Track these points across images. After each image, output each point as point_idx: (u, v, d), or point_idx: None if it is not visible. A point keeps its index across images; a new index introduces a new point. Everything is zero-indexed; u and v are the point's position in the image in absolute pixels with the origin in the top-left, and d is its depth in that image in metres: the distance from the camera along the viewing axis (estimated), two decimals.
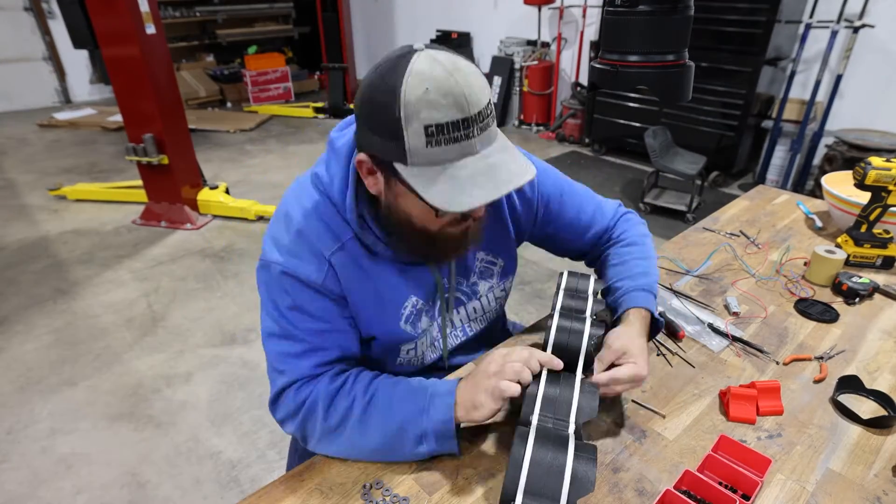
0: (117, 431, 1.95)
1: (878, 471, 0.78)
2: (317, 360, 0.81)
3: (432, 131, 0.63)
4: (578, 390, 0.74)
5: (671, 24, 1.14)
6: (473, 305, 0.97)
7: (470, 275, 0.95)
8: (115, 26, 2.96)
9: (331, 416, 0.78)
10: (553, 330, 0.80)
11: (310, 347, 0.80)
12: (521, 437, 0.67)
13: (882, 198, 1.24)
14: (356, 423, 0.77)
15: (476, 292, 0.96)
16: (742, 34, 3.64)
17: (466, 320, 0.99)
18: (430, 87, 0.62)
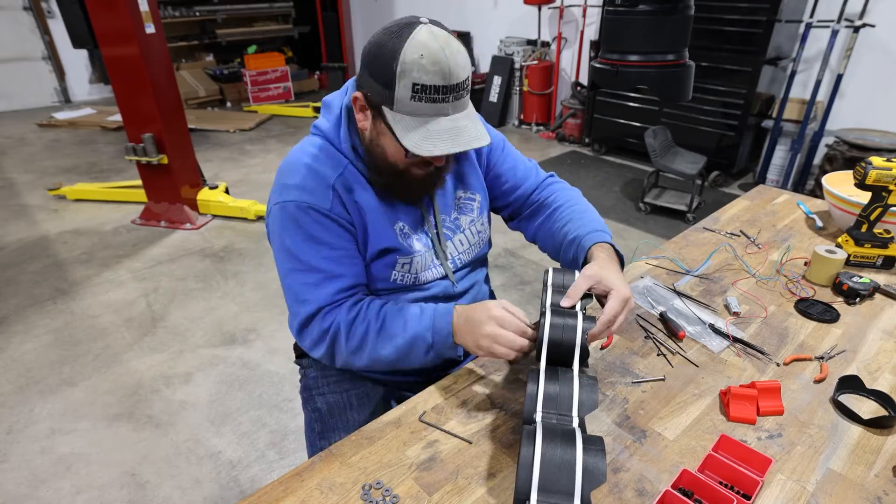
0: (117, 431, 1.95)
1: (878, 471, 0.78)
2: (335, 287, 0.93)
3: (418, 89, 0.79)
4: (578, 384, 0.75)
5: (671, 24, 1.14)
6: (459, 238, 1.08)
7: (451, 210, 1.06)
8: (115, 26, 2.95)
9: (352, 339, 0.92)
10: (546, 327, 0.82)
11: (327, 276, 0.92)
12: (529, 436, 0.67)
13: (882, 197, 1.24)
14: (373, 343, 0.91)
15: (459, 226, 1.07)
16: (742, 34, 3.64)
17: (455, 252, 1.08)
18: (424, 55, 0.78)
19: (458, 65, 0.79)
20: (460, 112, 0.84)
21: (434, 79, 0.78)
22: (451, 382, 0.96)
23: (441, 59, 0.78)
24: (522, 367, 1.01)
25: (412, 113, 0.81)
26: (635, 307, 0.88)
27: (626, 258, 1.06)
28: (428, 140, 0.81)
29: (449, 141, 0.82)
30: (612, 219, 3.63)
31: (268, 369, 2.26)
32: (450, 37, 0.81)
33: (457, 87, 0.81)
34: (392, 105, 0.81)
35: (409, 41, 0.78)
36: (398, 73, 0.78)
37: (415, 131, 0.81)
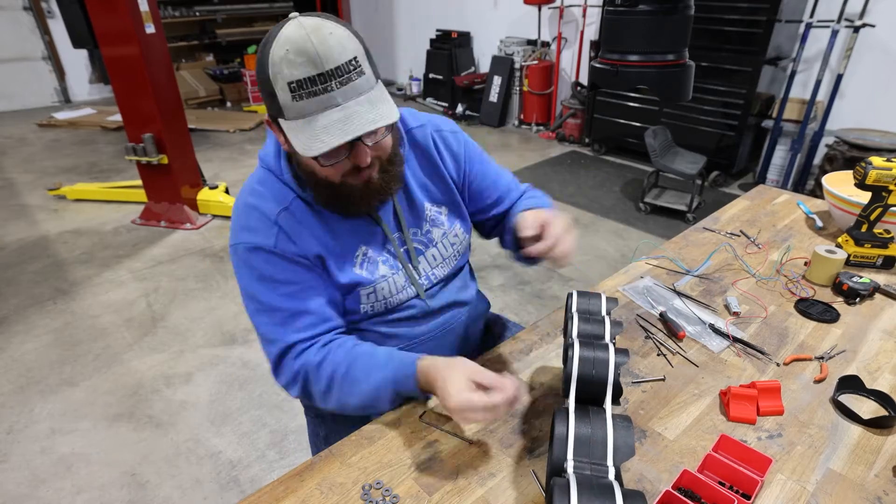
0: (117, 431, 1.95)
1: (878, 471, 0.78)
2: (299, 324, 0.88)
3: (293, 87, 0.72)
4: (612, 427, 0.68)
5: (671, 24, 1.14)
6: (432, 253, 1.02)
7: (423, 224, 1.00)
8: (115, 26, 2.95)
9: (319, 383, 0.88)
10: (575, 361, 0.74)
11: (289, 314, 0.88)
12: (562, 492, 0.60)
13: (883, 197, 1.24)
14: (338, 388, 0.87)
15: (431, 240, 1.02)
16: (742, 34, 3.64)
17: (429, 268, 1.02)
18: (289, 48, 0.71)
19: (330, 48, 0.71)
20: (356, 98, 0.74)
21: (304, 70, 0.71)
22: None
23: (307, 47, 0.70)
24: (520, 367, 1.01)
25: (300, 115, 0.74)
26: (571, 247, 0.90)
27: (626, 258, 1.06)
28: (314, 138, 0.74)
29: (337, 133, 0.73)
30: (612, 219, 3.64)
31: (268, 369, 2.25)
32: (323, 22, 0.73)
33: (337, 72, 0.72)
34: (283, 114, 0.75)
35: (276, 40, 0.72)
36: (272, 76, 0.72)
37: (303, 133, 0.74)
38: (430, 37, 6.23)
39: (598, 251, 3.21)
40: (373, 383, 0.85)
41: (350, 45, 0.73)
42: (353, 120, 0.74)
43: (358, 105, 0.74)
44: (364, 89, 0.75)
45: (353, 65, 0.73)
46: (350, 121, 0.74)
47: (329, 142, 0.73)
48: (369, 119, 0.74)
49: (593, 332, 0.81)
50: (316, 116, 0.73)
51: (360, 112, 0.74)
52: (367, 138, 0.79)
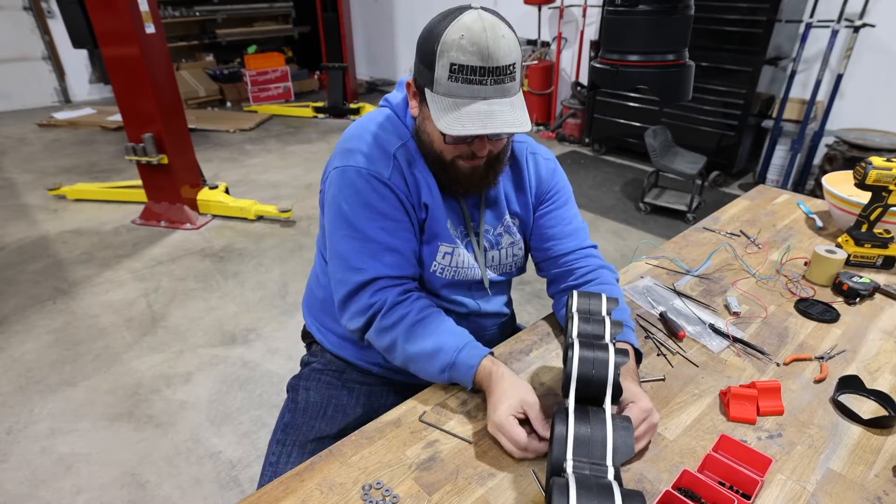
0: (117, 431, 1.95)
1: (878, 471, 0.78)
2: (391, 260, 0.92)
3: (455, 69, 0.79)
4: (611, 427, 0.68)
5: (671, 24, 1.14)
6: (493, 254, 1.06)
7: (498, 225, 1.04)
8: (115, 26, 2.95)
9: (387, 318, 0.91)
10: (575, 361, 0.73)
11: (382, 246, 0.92)
12: (561, 492, 0.60)
13: (883, 197, 1.24)
14: (404, 332, 0.90)
15: (499, 243, 1.06)
16: (742, 34, 3.64)
17: (490, 266, 1.06)
18: (464, 35, 0.77)
19: (499, 48, 0.78)
20: (502, 98, 0.81)
21: (471, 59, 0.77)
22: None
23: (481, 40, 0.77)
24: (520, 367, 1.01)
25: (449, 94, 0.81)
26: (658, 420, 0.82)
27: (627, 258, 1.06)
28: (457, 120, 0.80)
29: (479, 122, 0.79)
30: (612, 219, 3.64)
31: (268, 369, 2.26)
32: (499, 22, 0.79)
33: (496, 71, 0.79)
34: (433, 86, 0.82)
35: (454, 22, 0.78)
36: (438, 52, 0.79)
37: (448, 112, 0.81)
38: None
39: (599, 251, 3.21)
40: (439, 343, 0.88)
41: (514, 52, 0.80)
42: (496, 117, 0.80)
43: (501, 105, 0.81)
44: (511, 93, 0.83)
45: (510, 69, 0.80)
46: (492, 117, 0.80)
47: (470, 129, 0.79)
48: (508, 121, 0.81)
49: (593, 332, 0.81)
50: (465, 101, 0.80)
51: (503, 112, 0.81)
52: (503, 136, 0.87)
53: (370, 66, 7.79)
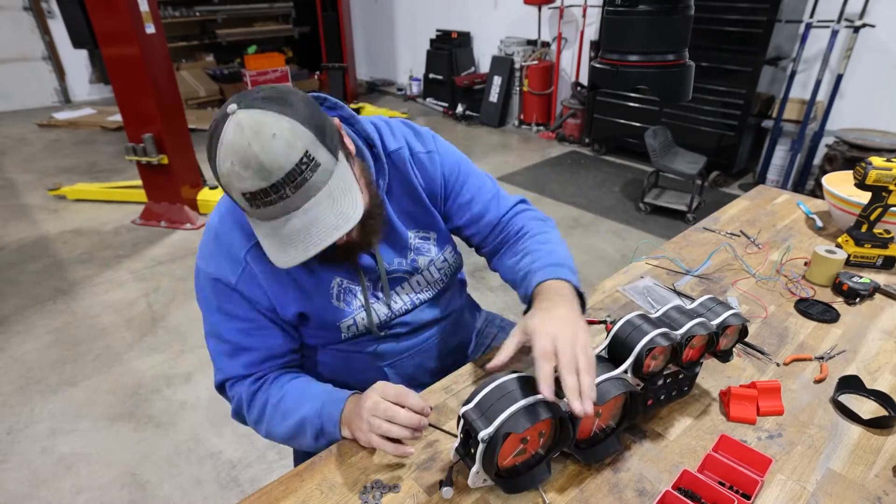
0: (117, 431, 1.95)
1: (878, 471, 0.78)
2: (244, 361, 0.89)
3: (248, 197, 0.68)
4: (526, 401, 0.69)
5: (671, 24, 1.14)
6: (416, 279, 1.00)
7: (407, 253, 0.97)
8: (115, 26, 2.96)
9: (252, 411, 0.89)
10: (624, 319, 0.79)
11: (236, 347, 0.89)
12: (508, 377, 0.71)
13: (883, 197, 1.24)
14: (269, 417, 0.88)
15: (417, 268, 0.99)
16: (742, 34, 3.64)
17: (413, 292, 1.00)
18: (233, 161, 0.66)
19: (275, 156, 0.65)
20: (314, 197, 0.70)
21: (255, 183, 0.66)
22: (451, 382, 0.96)
23: (250, 158, 0.65)
24: (520, 367, 1.01)
25: (263, 217, 0.72)
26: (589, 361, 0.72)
27: (627, 258, 1.06)
28: (280, 249, 0.72)
29: (300, 245, 0.71)
30: (612, 219, 3.64)
31: None
32: (263, 119, 0.66)
33: (289, 178, 0.67)
34: (248, 214, 0.74)
35: (219, 147, 0.67)
36: (224, 185, 0.70)
37: (269, 238, 0.73)
38: (430, 37, 6.24)
39: (598, 251, 3.21)
40: (301, 415, 0.85)
41: (298, 142, 0.67)
42: (316, 227, 0.70)
43: (318, 205, 0.70)
44: (322, 182, 0.70)
45: (304, 162, 0.67)
46: (311, 230, 0.71)
47: (295, 256, 0.71)
48: (331, 224, 0.71)
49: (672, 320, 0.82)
50: (279, 221, 0.71)
51: (321, 216, 0.71)
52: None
53: (370, 67, 7.79)
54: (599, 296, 1.21)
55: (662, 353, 0.79)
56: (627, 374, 0.77)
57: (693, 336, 0.79)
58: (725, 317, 0.84)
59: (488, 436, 0.65)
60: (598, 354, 0.79)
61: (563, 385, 0.69)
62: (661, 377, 0.82)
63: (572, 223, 3.58)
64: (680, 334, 0.79)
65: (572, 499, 0.74)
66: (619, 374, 0.75)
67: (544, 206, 3.83)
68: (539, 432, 0.72)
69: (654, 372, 0.79)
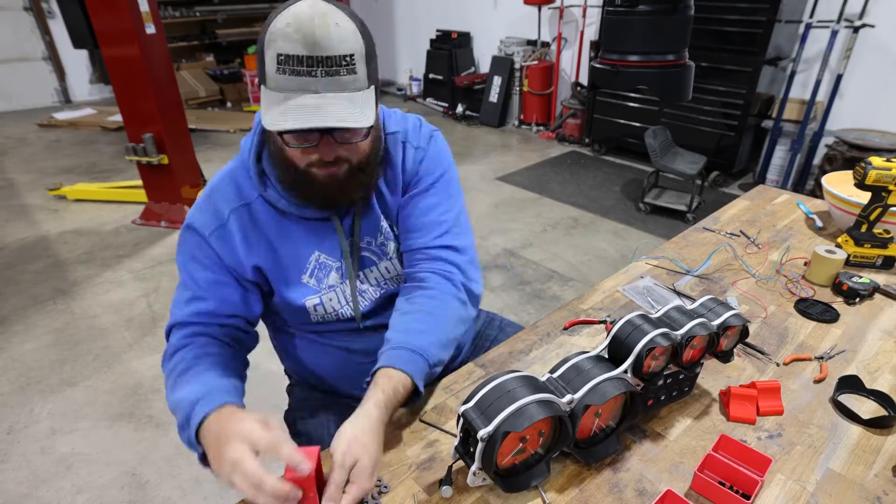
0: (117, 431, 1.95)
1: (878, 471, 0.78)
2: (194, 309, 0.89)
3: (281, 59, 0.71)
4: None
5: (671, 24, 1.14)
6: (385, 265, 0.99)
7: (377, 234, 0.97)
8: (115, 26, 2.96)
9: (166, 364, 0.88)
10: (625, 319, 0.80)
11: (193, 295, 0.89)
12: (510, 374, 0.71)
13: (882, 198, 1.24)
14: (171, 383, 0.84)
15: (385, 252, 0.98)
16: (742, 34, 3.64)
17: (382, 280, 1.00)
18: (291, 23, 0.70)
19: (329, 36, 0.70)
20: (337, 93, 0.73)
21: (296, 48, 0.70)
22: (451, 382, 0.96)
23: (307, 27, 0.69)
24: (519, 367, 1.01)
25: (278, 88, 0.73)
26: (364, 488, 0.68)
27: (627, 258, 1.05)
28: (281, 116, 0.72)
29: (302, 117, 0.71)
30: (612, 219, 3.64)
31: (269, 369, 2.25)
32: (335, 10, 0.72)
33: (327, 61, 0.71)
34: (265, 81, 0.74)
35: (285, 10, 0.72)
36: (266, 42, 0.72)
37: (275, 107, 0.73)
38: (430, 37, 6.24)
39: (598, 251, 3.21)
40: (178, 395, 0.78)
41: (351, 42, 0.72)
42: (325, 111, 0.72)
43: (335, 99, 0.73)
44: (349, 87, 0.74)
45: (346, 60, 0.72)
46: (321, 111, 0.72)
47: (293, 123, 0.72)
48: (340, 116, 0.72)
49: (673, 321, 0.82)
50: (293, 95, 0.72)
51: (335, 106, 0.72)
52: (338, 135, 0.78)
53: None
54: (599, 296, 1.21)
55: (663, 353, 0.79)
56: (627, 373, 0.77)
57: (693, 336, 0.79)
58: (726, 317, 0.84)
59: (487, 434, 0.65)
60: (598, 354, 0.80)
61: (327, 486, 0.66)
62: (661, 377, 0.82)
63: (572, 223, 3.58)
64: (680, 335, 0.79)
65: (572, 499, 0.74)
66: (619, 374, 0.75)
67: (544, 206, 3.83)
68: (539, 431, 0.72)
69: (655, 372, 0.79)
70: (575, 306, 1.18)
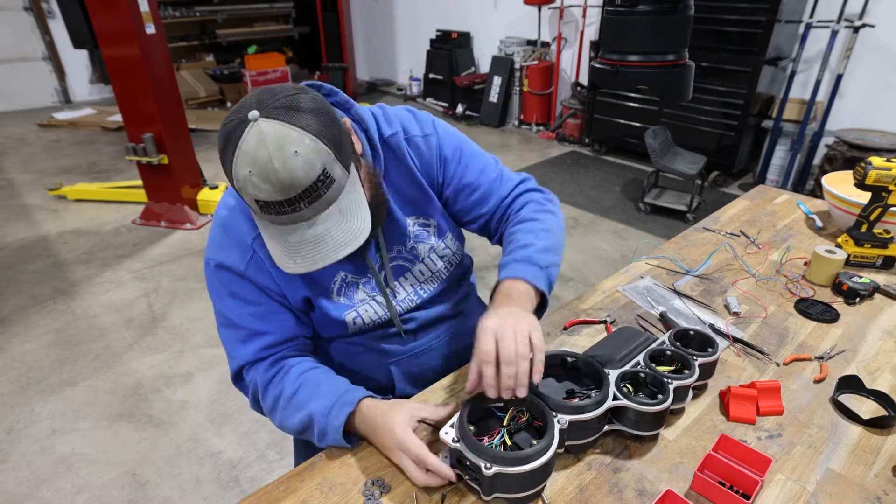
0: (117, 431, 1.95)
1: (878, 471, 0.78)
2: (258, 345, 0.88)
3: (262, 204, 0.70)
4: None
5: (671, 24, 1.14)
6: (419, 268, 0.99)
7: (406, 240, 0.96)
8: (115, 26, 2.96)
9: (266, 400, 0.88)
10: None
11: (250, 333, 0.88)
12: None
13: (882, 198, 1.24)
14: (282, 409, 0.86)
15: (417, 255, 0.98)
16: (742, 34, 3.64)
17: (417, 283, 0.99)
18: (252, 171, 0.67)
19: (295, 174, 0.66)
20: (325, 211, 0.72)
21: (273, 194, 0.67)
22: (451, 382, 0.96)
23: (270, 173, 0.66)
24: None
25: (271, 221, 0.73)
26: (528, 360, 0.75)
27: (627, 258, 1.05)
28: (288, 256, 0.74)
29: (309, 256, 0.73)
30: (612, 219, 3.64)
31: None
32: (286, 133, 0.66)
33: (305, 194, 0.68)
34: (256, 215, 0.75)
35: (237, 152, 0.67)
36: (238, 188, 0.70)
37: (276, 241, 0.74)
38: (430, 37, 6.24)
39: (598, 251, 3.21)
40: (309, 409, 0.83)
41: (318, 160, 0.68)
42: (325, 242, 0.73)
43: (328, 219, 0.73)
44: (334, 196, 0.72)
45: (321, 180, 0.69)
46: (321, 243, 0.73)
47: (301, 265, 0.73)
48: (341, 241, 0.73)
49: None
50: (288, 228, 0.73)
51: (331, 230, 0.73)
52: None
53: (370, 67, 7.80)
54: (599, 296, 1.21)
55: None
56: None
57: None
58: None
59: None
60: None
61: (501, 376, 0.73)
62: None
63: (572, 223, 3.58)
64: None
65: (572, 499, 0.74)
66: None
67: None
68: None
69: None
70: (575, 306, 1.18)
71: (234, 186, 0.71)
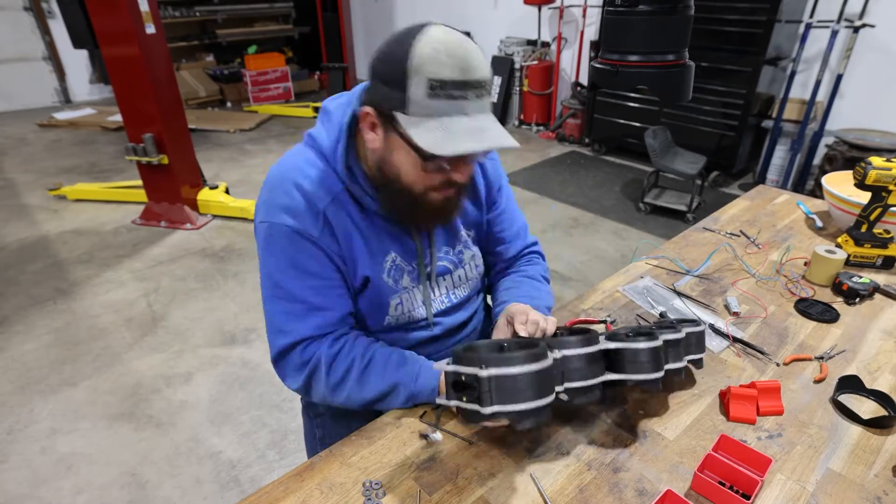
0: (117, 431, 1.95)
1: (878, 471, 0.78)
2: (319, 321, 0.87)
3: (436, 84, 0.70)
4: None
5: (671, 24, 1.14)
6: (459, 273, 1.01)
7: (456, 243, 1.00)
8: (115, 26, 2.96)
9: (333, 374, 0.86)
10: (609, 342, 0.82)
11: (310, 307, 0.86)
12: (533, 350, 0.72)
13: (882, 198, 1.24)
14: (355, 381, 0.87)
15: (462, 260, 1.01)
16: (742, 34, 3.64)
17: (451, 287, 1.01)
18: (440, 48, 0.70)
19: (479, 60, 0.73)
20: (483, 114, 0.75)
21: (453, 73, 0.70)
22: None
23: (459, 51, 0.71)
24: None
25: (430, 114, 0.72)
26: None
27: (627, 258, 1.07)
28: (451, 139, 0.71)
29: (475, 140, 0.72)
30: (612, 219, 3.64)
31: (268, 369, 2.25)
32: (466, 37, 0.75)
33: (478, 84, 0.72)
34: (406, 108, 0.72)
35: (422, 37, 0.71)
36: (412, 69, 0.70)
37: (434, 131, 0.72)
38: None
39: (598, 251, 3.21)
40: (394, 380, 0.86)
41: (488, 66, 0.75)
42: (488, 132, 0.74)
43: (487, 121, 0.75)
44: (489, 109, 0.77)
45: (489, 83, 0.75)
46: (484, 132, 0.73)
47: (466, 145, 0.72)
48: (501, 135, 0.74)
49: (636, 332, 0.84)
50: (450, 118, 0.72)
51: (492, 128, 0.74)
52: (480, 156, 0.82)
53: None
54: (599, 296, 1.21)
55: None
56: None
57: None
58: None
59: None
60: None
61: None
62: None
63: (572, 223, 3.58)
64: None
65: (572, 499, 0.74)
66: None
67: (544, 206, 3.83)
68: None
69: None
70: (575, 306, 1.18)
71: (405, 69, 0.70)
